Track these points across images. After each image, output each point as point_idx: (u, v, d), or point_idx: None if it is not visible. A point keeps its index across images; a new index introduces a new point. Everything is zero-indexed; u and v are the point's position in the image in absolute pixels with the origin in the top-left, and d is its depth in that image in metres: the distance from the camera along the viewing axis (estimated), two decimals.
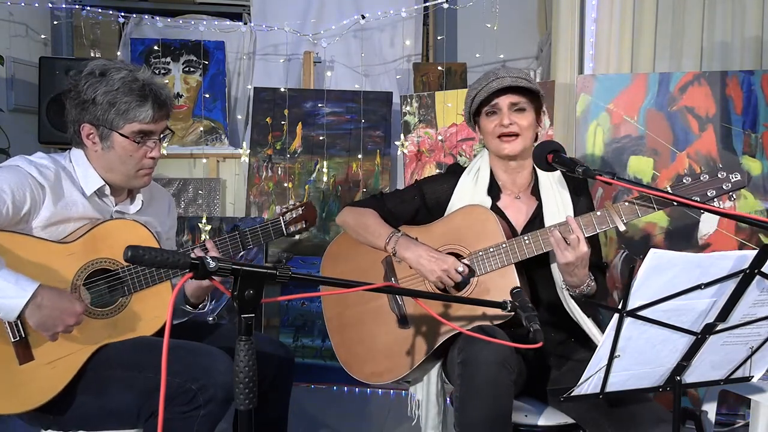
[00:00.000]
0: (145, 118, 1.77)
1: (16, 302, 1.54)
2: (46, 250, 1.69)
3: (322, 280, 1.97)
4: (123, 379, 1.70)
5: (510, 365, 1.68)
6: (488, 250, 1.88)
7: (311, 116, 3.58)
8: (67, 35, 4.05)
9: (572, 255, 1.75)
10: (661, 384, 1.47)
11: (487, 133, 1.97)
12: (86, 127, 1.78)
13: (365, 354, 2.01)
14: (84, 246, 1.73)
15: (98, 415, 1.71)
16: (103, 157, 1.80)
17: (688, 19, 3.21)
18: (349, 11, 3.83)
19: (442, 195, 2.05)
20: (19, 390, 1.63)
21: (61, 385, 1.67)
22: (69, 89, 1.80)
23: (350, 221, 2.07)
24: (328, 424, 2.92)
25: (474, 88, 1.97)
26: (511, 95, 1.92)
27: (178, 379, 1.65)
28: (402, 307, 1.97)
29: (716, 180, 1.74)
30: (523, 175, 2.02)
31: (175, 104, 1.86)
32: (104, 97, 1.74)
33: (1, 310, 1.54)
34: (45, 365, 1.66)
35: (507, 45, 3.80)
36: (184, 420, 1.66)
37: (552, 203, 1.95)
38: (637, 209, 1.78)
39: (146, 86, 1.77)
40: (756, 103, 2.84)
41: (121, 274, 1.77)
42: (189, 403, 1.66)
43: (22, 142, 3.37)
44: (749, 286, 1.28)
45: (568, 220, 1.78)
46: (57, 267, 1.69)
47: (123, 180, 1.84)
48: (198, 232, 3.39)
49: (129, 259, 1.10)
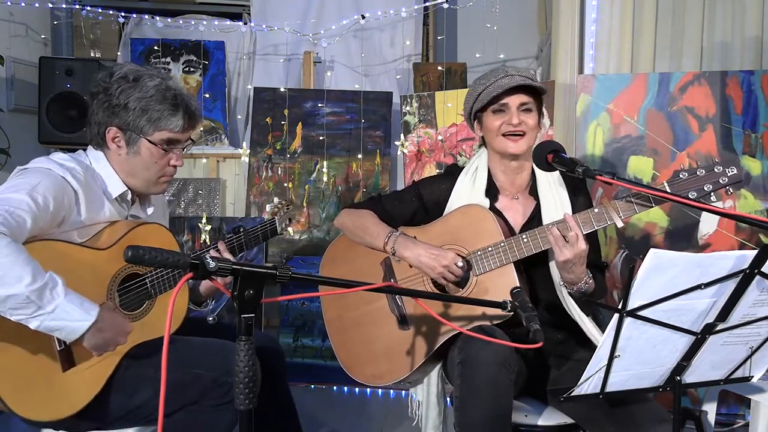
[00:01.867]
0: (175, 128, 1.79)
1: (81, 325, 1.55)
2: (86, 259, 1.69)
3: (322, 280, 1.98)
4: (153, 377, 1.72)
5: (510, 365, 1.68)
6: (486, 250, 1.88)
7: (311, 116, 3.58)
8: (67, 35, 4.05)
9: (570, 252, 1.75)
10: (661, 384, 1.47)
11: (492, 130, 1.95)
12: (113, 130, 1.78)
13: (366, 355, 2.01)
14: (117, 253, 1.74)
15: (125, 413, 1.73)
16: (127, 161, 1.81)
17: (688, 19, 3.21)
18: (349, 11, 3.83)
19: (441, 196, 2.05)
20: (61, 396, 1.64)
21: (99, 387, 1.68)
22: (98, 91, 1.79)
23: (348, 223, 2.07)
24: (328, 424, 2.92)
25: (481, 83, 1.94)
26: (521, 95, 1.91)
27: (215, 374, 1.73)
28: (402, 307, 1.97)
29: (712, 174, 1.73)
30: (522, 176, 2.01)
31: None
32: (137, 103, 1.75)
33: (63, 331, 1.55)
34: (85, 370, 1.67)
35: (507, 45, 3.80)
36: (216, 411, 1.74)
37: (550, 203, 1.95)
38: (634, 206, 1.78)
39: (178, 96, 1.80)
40: (756, 103, 2.84)
41: (148, 279, 1.80)
42: (224, 396, 1.73)
43: (22, 142, 3.37)
44: (749, 286, 1.28)
45: (566, 218, 1.78)
46: (97, 274, 1.70)
47: (143, 185, 1.85)
48: (198, 232, 3.39)
49: (129, 259, 1.10)
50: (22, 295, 1.46)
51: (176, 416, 1.74)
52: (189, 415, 1.73)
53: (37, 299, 1.48)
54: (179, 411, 1.73)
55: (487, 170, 2.03)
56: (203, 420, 1.74)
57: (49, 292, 1.50)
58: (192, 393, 1.72)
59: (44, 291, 1.49)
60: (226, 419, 1.75)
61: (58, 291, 1.52)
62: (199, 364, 1.73)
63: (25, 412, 1.60)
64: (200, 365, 1.73)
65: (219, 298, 2.16)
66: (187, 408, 1.72)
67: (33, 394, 1.61)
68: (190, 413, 1.73)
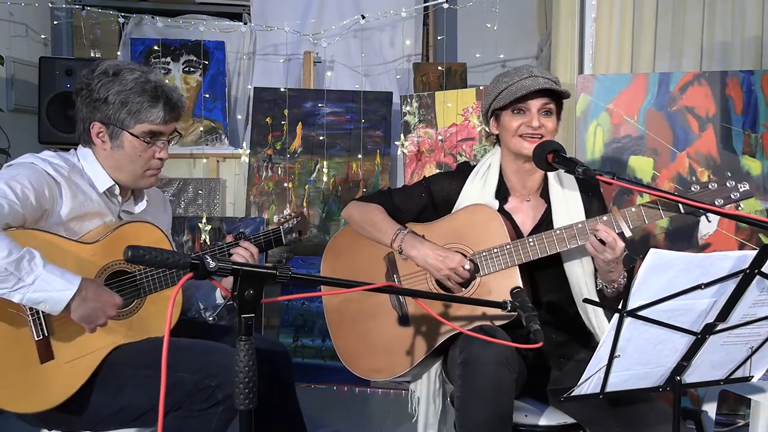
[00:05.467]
0: (156, 119, 1.80)
1: (64, 295, 1.54)
2: (71, 250, 1.69)
3: (322, 280, 1.98)
4: (139, 378, 1.71)
5: (511, 365, 1.67)
6: (492, 251, 1.87)
7: (311, 116, 3.58)
8: (67, 35, 4.05)
9: (612, 254, 1.73)
10: (661, 384, 1.47)
11: (510, 130, 1.91)
12: (96, 125, 1.80)
13: (364, 349, 2.01)
14: (104, 248, 1.74)
15: (111, 414, 1.72)
16: (112, 156, 1.82)
17: (688, 19, 3.21)
18: (349, 11, 3.83)
19: (450, 194, 2.03)
20: (38, 389, 1.64)
21: (79, 384, 1.68)
22: (81, 88, 1.81)
23: (356, 216, 2.05)
24: (328, 424, 2.92)
25: (504, 81, 1.90)
26: (543, 97, 1.88)
27: (196, 377, 1.69)
28: (404, 305, 1.96)
29: (725, 189, 1.73)
30: (534, 177, 1.98)
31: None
32: (116, 96, 1.76)
33: (47, 303, 1.54)
34: (64, 364, 1.66)
35: (507, 45, 3.80)
36: (202, 417, 1.69)
37: (561, 207, 1.92)
38: (644, 215, 1.77)
39: (158, 88, 1.80)
40: (756, 103, 2.84)
41: (137, 277, 1.78)
42: (208, 400, 1.69)
43: (22, 142, 3.37)
44: (749, 286, 1.28)
45: (599, 227, 1.74)
46: (81, 267, 1.69)
47: (130, 179, 1.86)
48: (198, 232, 3.39)
49: (129, 259, 1.10)
50: (0, 267, 1.46)
51: (165, 419, 1.70)
52: (176, 422, 1.70)
53: (15, 270, 1.48)
54: (165, 417, 1.69)
55: (499, 170, 2.00)
56: (190, 426, 1.69)
57: (27, 264, 1.50)
58: (174, 397, 1.68)
59: (21, 262, 1.49)
60: (213, 425, 1.71)
61: (36, 262, 1.52)
62: (179, 368, 1.67)
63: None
64: (180, 368, 1.67)
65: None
66: (172, 414, 1.70)
67: (5, 383, 1.60)
68: (177, 419, 1.70)
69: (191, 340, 1.80)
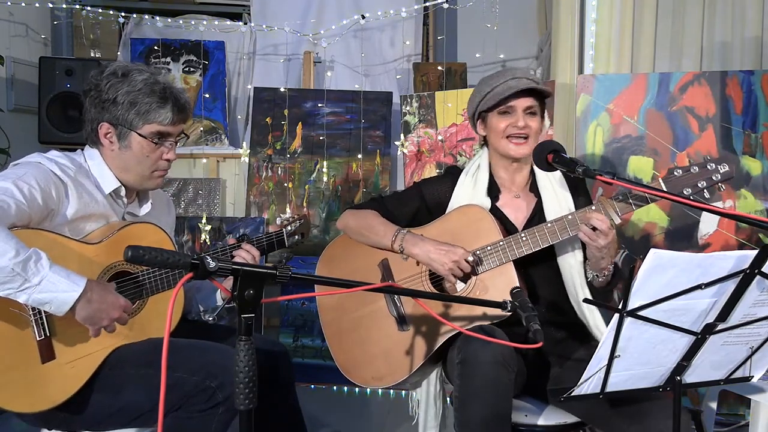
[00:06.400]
0: (164, 120, 1.81)
1: (69, 296, 1.55)
2: (75, 250, 1.70)
3: (322, 280, 1.98)
4: (139, 378, 1.71)
5: (510, 365, 1.68)
6: (486, 249, 1.89)
7: (311, 116, 3.57)
8: (67, 35, 4.05)
9: (605, 240, 1.78)
10: (661, 384, 1.47)
11: (497, 132, 1.96)
12: (104, 126, 1.81)
13: (364, 358, 2.01)
14: (108, 248, 1.75)
15: (111, 414, 1.73)
16: (119, 156, 1.83)
17: (688, 19, 3.21)
18: (349, 11, 3.82)
19: (442, 196, 2.06)
20: (39, 388, 1.64)
21: (80, 384, 1.68)
22: (89, 88, 1.82)
23: (352, 224, 2.07)
24: (328, 424, 2.92)
25: (488, 84, 1.96)
26: (527, 98, 1.93)
27: (197, 377, 1.69)
28: (401, 308, 1.96)
29: (705, 171, 1.78)
30: (523, 173, 2.04)
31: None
32: (125, 97, 1.77)
33: (52, 304, 1.54)
34: (65, 364, 1.67)
35: (507, 45, 3.79)
36: (203, 417, 1.69)
37: (552, 199, 1.97)
38: (631, 204, 1.81)
39: (167, 89, 1.81)
40: (756, 103, 2.84)
41: (140, 278, 1.78)
42: (208, 401, 1.69)
43: (22, 142, 3.37)
44: (749, 286, 1.28)
45: (592, 215, 1.80)
46: (85, 267, 1.70)
47: (137, 180, 1.86)
48: (198, 232, 3.39)
49: (129, 259, 1.10)
50: (7, 268, 1.47)
51: (165, 420, 1.71)
52: (176, 422, 1.70)
53: (22, 271, 1.49)
54: (165, 417, 1.70)
55: (489, 169, 2.04)
56: (190, 426, 1.70)
57: (34, 265, 1.51)
58: (174, 398, 1.68)
59: (28, 263, 1.50)
60: (213, 426, 1.71)
61: (43, 263, 1.52)
62: (179, 368, 1.68)
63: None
64: (180, 369, 1.68)
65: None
66: (172, 414, 1.70)
67: (5, 382, 1.60)
68: (177, 420, 1.70)
69: (191, 341, 1.81)
